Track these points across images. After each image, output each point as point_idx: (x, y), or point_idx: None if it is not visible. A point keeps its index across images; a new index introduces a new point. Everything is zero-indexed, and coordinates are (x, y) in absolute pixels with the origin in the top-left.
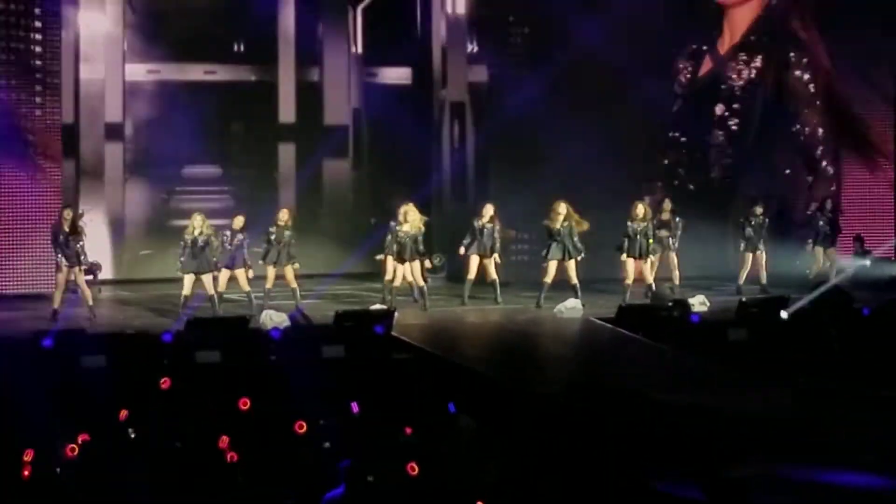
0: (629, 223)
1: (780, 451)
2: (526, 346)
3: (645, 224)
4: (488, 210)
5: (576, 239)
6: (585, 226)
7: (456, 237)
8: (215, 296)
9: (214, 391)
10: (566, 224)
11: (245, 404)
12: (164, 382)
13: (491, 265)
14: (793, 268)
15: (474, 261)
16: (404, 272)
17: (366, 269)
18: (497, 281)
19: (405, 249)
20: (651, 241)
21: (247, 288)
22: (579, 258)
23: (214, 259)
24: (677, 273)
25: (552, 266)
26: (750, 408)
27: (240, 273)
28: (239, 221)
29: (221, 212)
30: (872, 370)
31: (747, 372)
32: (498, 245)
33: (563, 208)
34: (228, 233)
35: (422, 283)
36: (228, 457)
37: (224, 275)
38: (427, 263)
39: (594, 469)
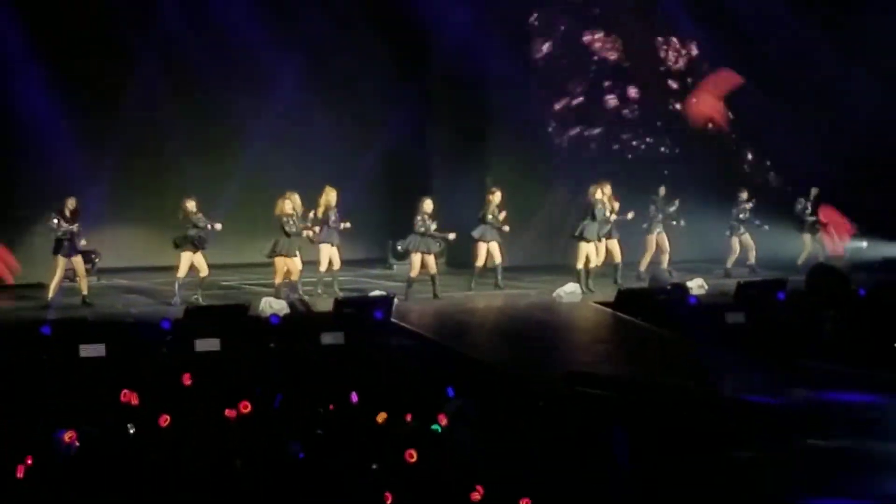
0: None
1: (783, 431)
2: (525, 332)
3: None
4: (496, 195)
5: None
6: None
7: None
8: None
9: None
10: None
11: (246, 407)
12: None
13: (496, 249)
14: (783, 252)
15: (483, 247)
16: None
17: (364, 255)
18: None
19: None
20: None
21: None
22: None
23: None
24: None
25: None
26: (750, 390)
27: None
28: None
29: None
30: (870, 351)
31: (745, 354)
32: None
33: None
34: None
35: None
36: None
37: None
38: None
39: (596, 454)
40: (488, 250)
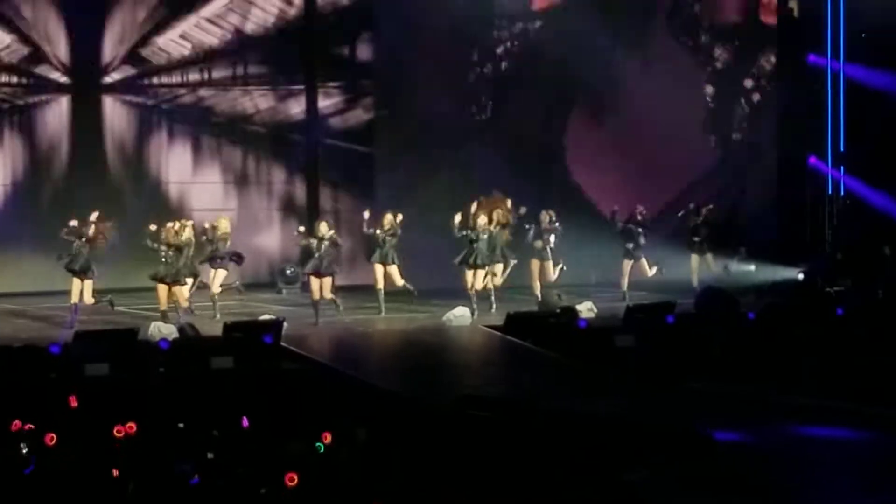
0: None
1: (670, 453)
2: (415, 355)
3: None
4: (388, 218)
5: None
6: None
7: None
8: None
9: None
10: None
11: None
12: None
13: (395, 272)
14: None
15: (379, 270)
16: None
17: (253, 279)
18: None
19: None
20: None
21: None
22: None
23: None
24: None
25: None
26: (638, 412)
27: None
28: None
29: None
30: (759, 372)
31: (635, 377)
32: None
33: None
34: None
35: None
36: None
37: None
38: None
39: (486, 479)
40: (386, 272)
